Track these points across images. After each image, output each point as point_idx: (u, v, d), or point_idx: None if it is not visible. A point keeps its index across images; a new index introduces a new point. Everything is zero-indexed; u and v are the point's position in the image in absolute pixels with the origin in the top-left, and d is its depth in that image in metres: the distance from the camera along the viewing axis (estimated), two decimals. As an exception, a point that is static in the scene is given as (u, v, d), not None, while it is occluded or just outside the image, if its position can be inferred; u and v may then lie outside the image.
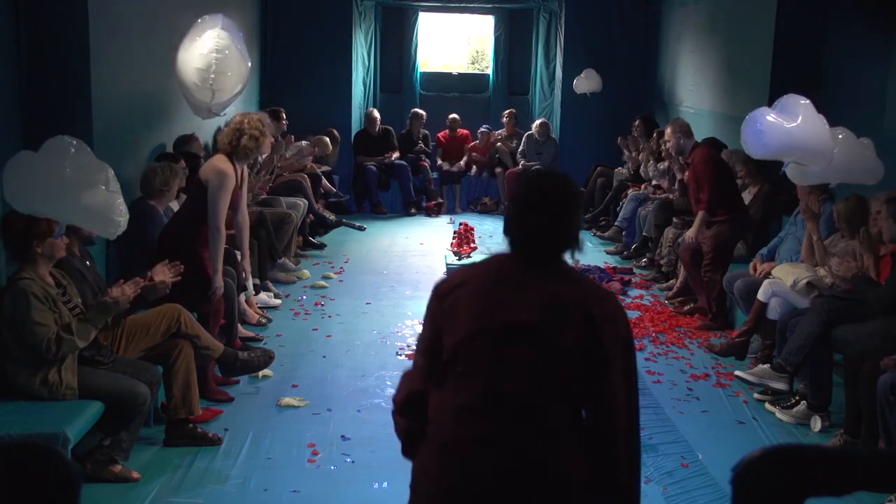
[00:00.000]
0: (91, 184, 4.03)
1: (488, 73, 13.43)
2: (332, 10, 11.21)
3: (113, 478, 4.08)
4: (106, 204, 4.09)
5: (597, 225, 10.14)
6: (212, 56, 5.64)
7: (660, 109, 11.21)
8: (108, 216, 4.11)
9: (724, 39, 9.16)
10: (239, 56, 5.80)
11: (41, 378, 3.93)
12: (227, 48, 5.70)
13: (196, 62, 5.66)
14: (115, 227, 4.16)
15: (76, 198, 3.97)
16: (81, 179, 4.00)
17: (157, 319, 4.56)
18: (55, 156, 3.99)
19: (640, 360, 6.00)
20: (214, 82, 5.67)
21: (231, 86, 5.80)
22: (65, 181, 3.95)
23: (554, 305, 2.21)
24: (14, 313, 3.89)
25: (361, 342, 6.17)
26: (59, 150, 4.01)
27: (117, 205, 4.14)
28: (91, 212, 4.05)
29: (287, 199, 8.43)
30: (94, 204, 4.04)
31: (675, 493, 4.22)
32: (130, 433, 4.13)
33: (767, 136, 5.28)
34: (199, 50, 5.67)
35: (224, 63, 5.68)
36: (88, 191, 4.01)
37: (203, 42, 5.68)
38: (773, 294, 5.59)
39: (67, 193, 3.96)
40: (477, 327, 2.22)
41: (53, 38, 5.25)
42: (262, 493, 4.09)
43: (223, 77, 5.69)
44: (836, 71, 7.21)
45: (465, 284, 2.31)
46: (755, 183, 7.09)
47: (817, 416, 4.93)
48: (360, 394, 5.30)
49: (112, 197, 4.12)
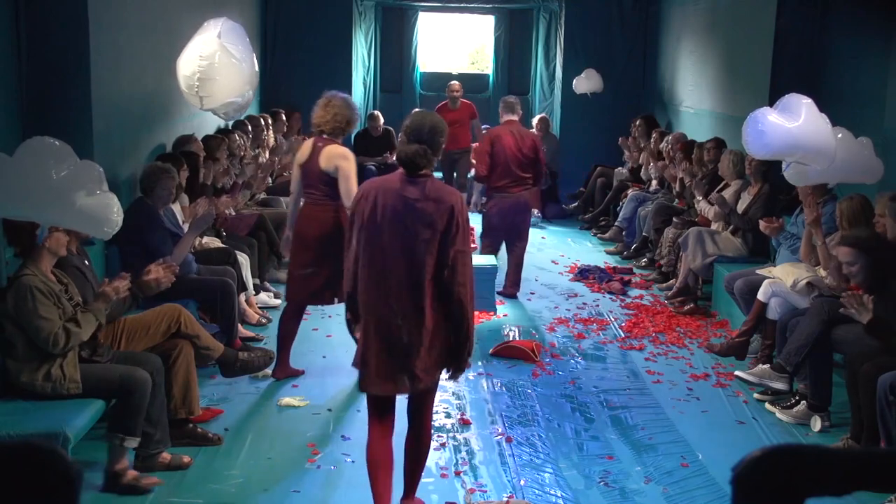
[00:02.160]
0: (81, 185, 3.98)
1: (488, 73, 13.43)
2: (332, 10, 11.22)
3: (165, 467, 4.17)
4: (99, 205, 4.05)
5: (597, 225, 10.14)
6: (196, 62, 5.62)
7: (660, 109, 11.22)
8: (104, 216, 4.07)
9: (724, 39, 9.16)
10: (231, 62, 5.75)
11: (44, 374, 3.94)
12: (216, 54, 5.64)
13: (184, 68, 5.65)
14: (111, 227, 4.13)
15: (67, 200, 3.91)
16: (70, 181, 3.93)
17: (157, 319, 4.55)
18: (35, 158, 3.90)
19: (640, 360, 6.00)
20: (200, 88, 5.65)
21: (222, 91, 5.74)
22: (51, 183, 3.87)
23: (425, 200, 3.48)
24: (18, 309, 3.89)
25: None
26: (39, 152, 3.93)
27: (111, 204, 4.10)
28: (84, 213, 3.99)
29: (287, 199, 8.42)
30: (87, 205, 3.98)
31: (675, 493, 4.22)
32: (150, 422, 4.10)
33: (769, 136, 5.27)
34: (188, 55, 5.66)
35: (211, 69, 5.63)
36: (79, 192, 3.95)
37: (192, 47, 5.67)
38: (773, 294, 5.59)
39: (57, 196, 3.89)
40: (372, 221, 3.52)
41: (53, 38, 5.25)
42: (262, 493, 4.09)
43: (210, 83, 5.65)
44: (836, 71, 7.21)
45: (370, 192, 3.56)
46: (755, 183, 7.09)
47: (817, 416, 4.93)
48: (359, 394, 5.28)
49: (106, 197, 4.09)
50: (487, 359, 5.94)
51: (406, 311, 3.50)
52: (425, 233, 3.45)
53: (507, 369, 5.79)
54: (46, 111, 5.19)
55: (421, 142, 3.55)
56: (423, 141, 3.56)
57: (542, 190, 10.92)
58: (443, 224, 3.45)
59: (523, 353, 5.96)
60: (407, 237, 3.47)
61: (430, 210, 3.46)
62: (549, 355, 6.06)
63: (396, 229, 3.48)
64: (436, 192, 3.51)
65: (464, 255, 3.47)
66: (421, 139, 3.56)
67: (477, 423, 4.96)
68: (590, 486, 4.29)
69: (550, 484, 4.29)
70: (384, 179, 3.62)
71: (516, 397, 5.34)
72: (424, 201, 3.48)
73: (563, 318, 6.90)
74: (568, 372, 5.79)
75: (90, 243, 4.70)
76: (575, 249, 9.32)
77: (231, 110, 6.01)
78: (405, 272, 3.48)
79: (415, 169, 3.53)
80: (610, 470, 4.44)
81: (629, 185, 9.81)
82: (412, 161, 3.53)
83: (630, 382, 5.64)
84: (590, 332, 6.58)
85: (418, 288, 3.47)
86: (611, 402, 5.31)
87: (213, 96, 5.72)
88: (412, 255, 3.47)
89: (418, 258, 3.46)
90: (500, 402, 5.26)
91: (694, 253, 7.04)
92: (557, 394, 5.43)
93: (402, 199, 3.50)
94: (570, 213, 10.92)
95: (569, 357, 6.07)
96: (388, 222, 3.49)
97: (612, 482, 4.32)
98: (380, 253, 3.51)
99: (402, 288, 3.49)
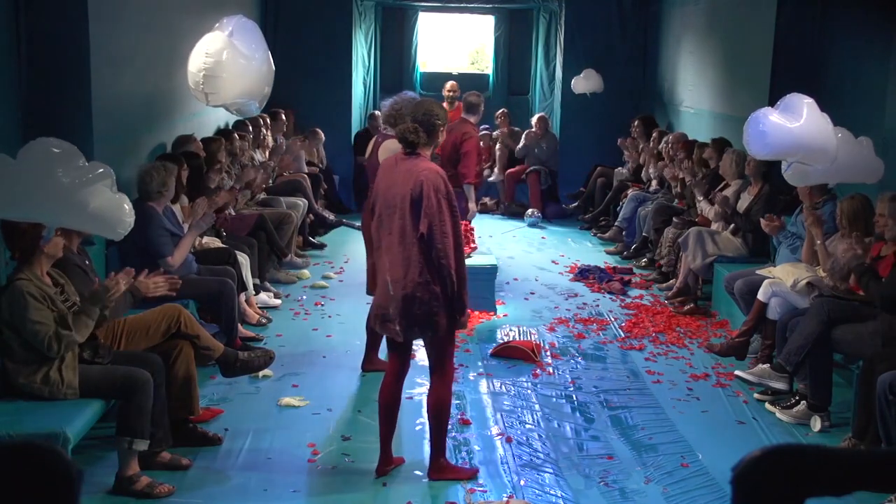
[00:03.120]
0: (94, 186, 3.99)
1: (488, 73, 13.43)
2: (332, 10, 11.21)
3: (164, 467, 4.17)
4: (112, 206, 4.05)
5: (597, 225, 10.14)
6: (202, 59, 5.63)
7: (660, 109, 11.21)
8: (117, 217, 4.07)
9: (724, 39, 9.16)
10: (239, 60, 5.76)
11: (42, 377, 3.94)
12: (224, 51, 5.66)
13: (192, 65, 5.67)
14: (123, 228, 4.13)
15: (81, 202, 3.92)
16: (83, 182, 3.95)
17: (157, 319, 4.55)
18: (44, 160, 3.90)
19: (640, 360, 6.00)
20: (205, 85, 5.66)
21: (230, 89, 5.76)
22: (64, 186, 3.88)
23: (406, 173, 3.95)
24: (12, 314, 3.89)
25: (361, 342, 6.15)
26: (48, 154, 3.93)
27: (124, 205, 4.11)
28: (97, 215, 3.99)
29: (287, 199, 8.44)
30: (100, 207, 3.99)
31: (675, 493, 4.23)
32: (151, 421, 4.09)
33: (770, 136, 5.27)
34: (196, 52, 5.67)
35: (217, 67, 5.64)
36: (93, 194, 3.96)
37: (200, 45, 5.69)
38: (773, 294, 5.59)
39: (69, 198, 3.90)
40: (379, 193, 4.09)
41: (53, 38, 5.25)
42: (262, 493, 4.09)
43: (215, 80, 5.66)
44: (836, 71, 7.21)
45: (381, 167, 4.25)
46: (755, 183, 7.09)
47: (817, 416, 4.93)
48: (359, 394, 5.31)
49: (119, 198, 4.10)
50: (487, 359, 5.94)
51: (396, 272, 3.98)
52: (404, 202, 3.93)
53: (507, 369, 5.79)
54: (46, 111, 5.19)
55: (416, 121, 4.05)
56: (417, 121, 4.05)
57: (543, 190, 10.94)
58: (416, 194, 3.88)
59: (523, 353, 5.96)
60: (393, 206, 3.98)
61: (408, 181, 3.92)
62: (549, 355, 6.06)
63: (386, 200, 4.03)
64: (414, 166, 3.97)
65: (440, 225, 3.87)
66: (416, 119, 4.06)
67: (477, 423, 4.96)
68: (590, 486, 4.29)
69: (550, 484, 4.29)
70: (390, 157, 4.26)
71: (516, 397, 5.34)
72: (405, 174, 3.96)
73: (563, 318, 6.90)
74: (568, 372, 5.79)
75: (90, 243, 4.69)
76: (575, 249, 9.33)
77: (243, 107, 6.02)
78: (397, 238, 3.96)
79: (408, 145, 4.03)
80: (610, 470, 4.44)
81: (629, 185, 9.81)
82: (403, 137, 4.04)
83: (630, 382, 5.64)
84: (590, 332, 6.58)
85: (407, 249, 3.93)
86: (611, 402, 5.31)
87: (219, 93, 5.73)
88: (402, 220, 3.94)
89: (404, 225, 3.94)
90: (500, 402, 5.26)
91: (694, 253, 7.04)
92: (557, 394, 5.43)
93: (394, 172, 4.04)
94: (570, 213, 10.92)
95: (569, 357, 6.07)
96: (381, 195, 4.08)
97: (612, 482, 4.32)
98: (378, 220, 4.10)
99: (394, 252, 3.98)
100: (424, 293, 3.94)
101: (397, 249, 3.97)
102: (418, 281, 3.93)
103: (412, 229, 3.92)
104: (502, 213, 10.96)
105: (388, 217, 4.01)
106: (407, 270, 3.94)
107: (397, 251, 3.97)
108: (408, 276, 3.94)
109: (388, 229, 4.01)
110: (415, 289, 3.94)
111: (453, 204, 3.96)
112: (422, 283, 3.93)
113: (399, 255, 3.97)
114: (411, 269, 3.93)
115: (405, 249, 3.94)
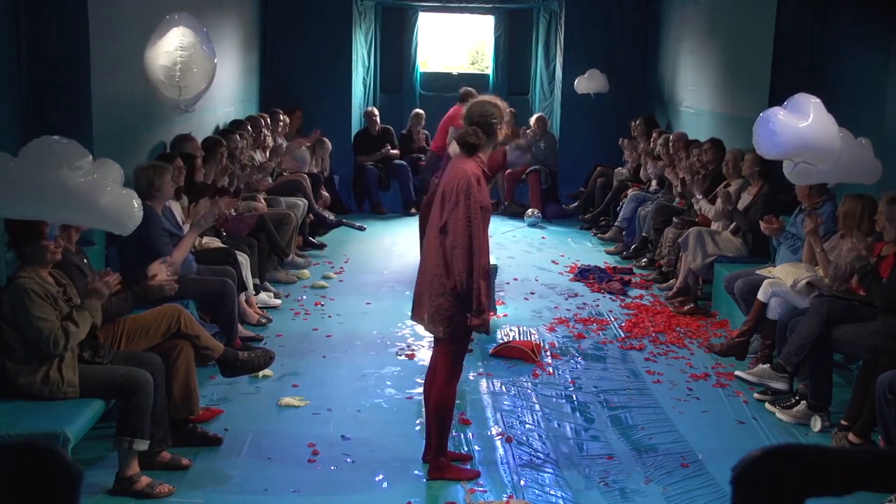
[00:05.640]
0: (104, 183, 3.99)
1: (488, 73, 13.43)
2: (332, 10, 11.21)
3: (164, 466, 4.17)
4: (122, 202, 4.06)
5: (597, 225, 10.14)
6: (177, 53, 5.68)
7: (660, 109, 11.22)
8: (127, 213, 4.07)
9: (724, 39, 9.16)
10: (204, 53, 5.85)
11: (41, 376, 3.93)
12: (193, 45, 5.74)
13: (162, 60, 5.69)
14: (133, 223, 4.15)
15: (91, 199, 3.91)
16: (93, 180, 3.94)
17: (157, 319, 4.55)
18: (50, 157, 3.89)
19: (640, 360, 6.00)
20: (181, 79, 5.70)
21: (198, 83, 5.84)
22: (73, 183, 3.87)
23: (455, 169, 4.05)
24: (15, 312, 3.89)
25: (361, 342, 6.17)
26: (53, 152, 3.92)
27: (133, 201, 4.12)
28: (107, 211, 3.99)
29: (287, 199, 8.44)
30: (111, 203, 3.98)
31: (675, 493, 4.22)
32: (152, 421, 4.09)
33: (780, 135, 5.25)
34: (164, 48, 5.70)
35: (190, 60, 5.72)
36: (103, 191, 3.96)
37: (168, 39, 5.72)
38: (773, 294, 5.59)
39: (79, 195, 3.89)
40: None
41: (53, 38, 5.25)
42: (262, 493, 4.09)
43: (189, 74, 5.73)
44: (836, 71, 7.21)
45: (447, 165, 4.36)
46: (755, 182, 7.09)
47: (817, 416, 4.92)
48: (360, 394, 5.30)
49: (127, 194, 4.11)
50: (487, 359, 5.94)
51: (424, 263, 4.19)
52: (440, 198, 4.10)
53: (507, 369, 5.79)
54: (47, 111, 5.19)
55: (473, 123, 4.10)
56: (475, 122, 4.10)
57: (543, 190, 10.94)
58: (446, 190, 4.03)
59: (523, 353, 5.96)
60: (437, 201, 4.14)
61: (447, 178, 4.09)
62: (549, 355, 6.06)
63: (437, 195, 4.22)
64: (456, 164, 4.08)
65: (455, 221, 3.96)
66: (473, 121, 4.12)
67: (477, 423, 4.95)
68: (590, 486, 4.29)
69: (550, 484, 4.29)
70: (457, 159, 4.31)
71: (516, 397, 5.34)
72: (451, 171, 4.10)
73: (563, 318, 6.90)
74: (568, 372, 5.79)
75: (90, 243, 4.69)
76: (575, 249, 9.33)
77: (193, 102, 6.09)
78: (434, 231, 4.10)
79: (470, 148, 4.09)
80: (610, 470, 4.44)
81: (629, 185, 9.81)
82: (465, 141, 4.09)
83: (630, 382, 5.64)
84: (590, 332, 6.58)
85: (435, 241, 4.07)
86: (611, 402, 5.31)
87: (191, 86, 5.81)
88: (436, 214, 4.13)
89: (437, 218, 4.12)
90: (500, 402, 5.26)
91: (694, 253, 7.04)
92: (557, 394, 5.43)
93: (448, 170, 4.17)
94: (570, 213, 10.92)
95: (569, 357, 6.07)
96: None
97: (612, 482, 4.32)
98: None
99: (429, 244, 4.14)
100: (438, 286, 4.06)
101: (432, 242, 4.13)
102: (436, 273, 4.07)
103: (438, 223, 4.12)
104: (502, 213, 10.96)
105: (434, 211, 4.19)
106: (432, 262, 4.10)
107: (432, 244, 4.14)
108: (432, 269, 4.09)
109: (431, 222, 4.20)
110: (432, 280, 4.09)
111: (472, 203, 3.97)
112: (437, 276, 4.06)
113: (431, 247, 4.14)
114: (435, 261, 4.08)
115: (434, 241, 4.11)
